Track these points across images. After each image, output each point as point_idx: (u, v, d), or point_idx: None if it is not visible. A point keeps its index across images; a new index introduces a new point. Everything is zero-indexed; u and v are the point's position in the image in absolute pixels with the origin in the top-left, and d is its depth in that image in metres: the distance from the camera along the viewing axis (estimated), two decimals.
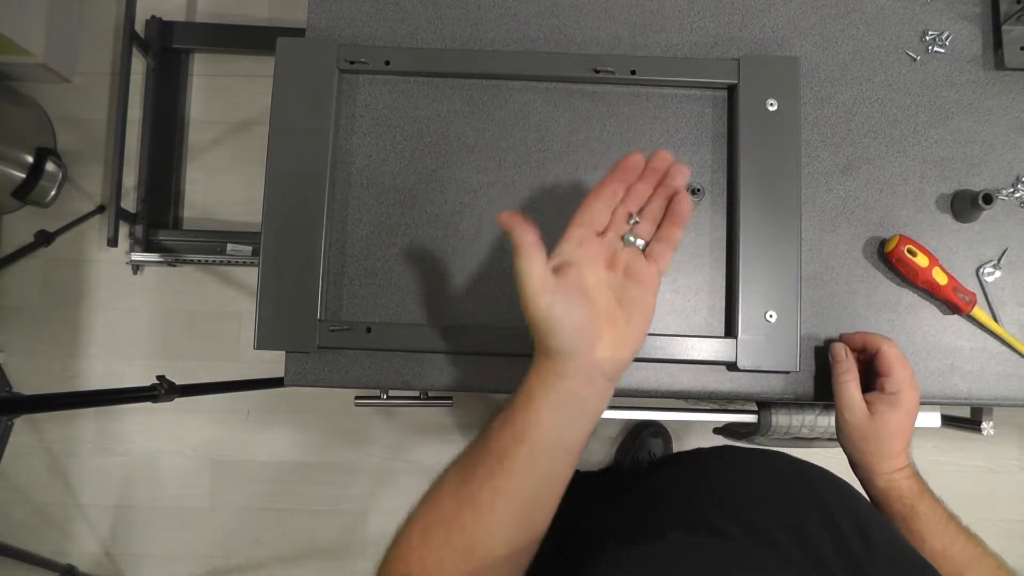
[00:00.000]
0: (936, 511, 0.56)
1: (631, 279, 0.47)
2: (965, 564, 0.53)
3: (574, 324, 0.44)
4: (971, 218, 0.67)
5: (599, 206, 0.49)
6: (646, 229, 0.50)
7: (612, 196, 0.49)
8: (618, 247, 0.49)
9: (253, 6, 1.63)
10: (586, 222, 0.48)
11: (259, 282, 0.63)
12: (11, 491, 1.57)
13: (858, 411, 0.58)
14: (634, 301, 0.47)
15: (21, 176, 1.52)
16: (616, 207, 0.49)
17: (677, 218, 0.49)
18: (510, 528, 0.43)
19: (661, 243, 0.49)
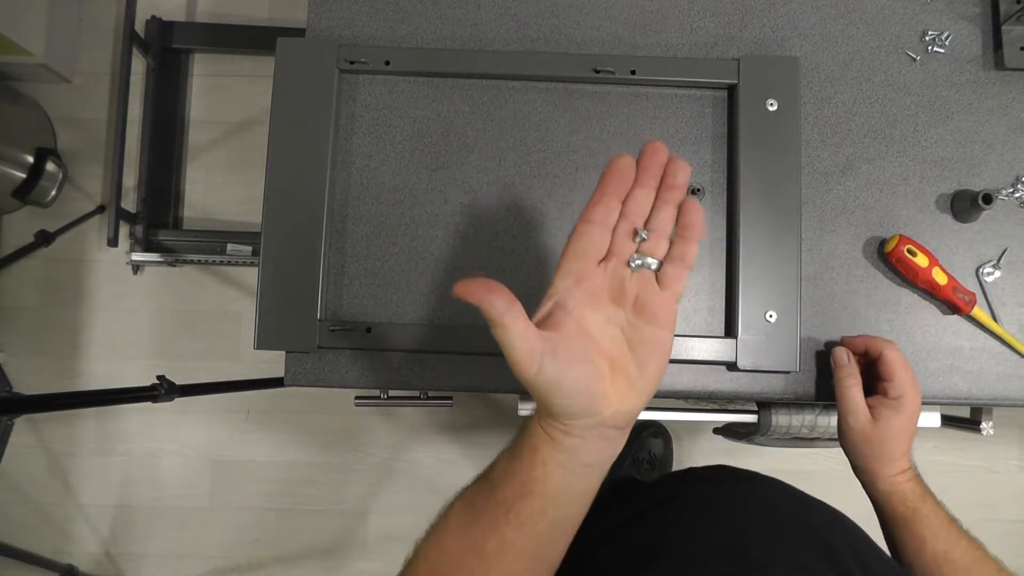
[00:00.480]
0: (938, 514, 0.56)
1: (643, 315, 0.40)
2: (966, 567, 0.53)
3: (575, 385, 0.37)
4: (971, 218, 0.67)
5: (594, 230, 0.40)
6: (658, 246, 0.41)
7: (607, 213, 0.40)
8: (625, 275, 0.40)
9: (253, 6, 1.63)
10: (581, 252, 0.40)
11: (259, 282, 0.63)
12: (11, 491, 1.57)
13: (861, 416, 0.58)
14: (648, 341, 0.39)
15: (21, 176, 1.52)
16: (616, 225, 0.41)
17: (691, 231, 0.40)
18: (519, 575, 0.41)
19: (675, 264, 0.40)
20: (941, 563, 0.53)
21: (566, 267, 0.40)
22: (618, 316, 0.40)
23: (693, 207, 0.41)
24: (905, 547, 0.56)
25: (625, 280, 0.40)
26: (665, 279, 0.40)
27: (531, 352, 0.36)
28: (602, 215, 0.40)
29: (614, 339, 0.40)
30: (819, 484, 1.69)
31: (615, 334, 0.40)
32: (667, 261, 0.41)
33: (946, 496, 0.58)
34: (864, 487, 0.60)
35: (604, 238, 0.41)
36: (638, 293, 0.40)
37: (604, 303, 0.40)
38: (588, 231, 0.40)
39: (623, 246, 0.41)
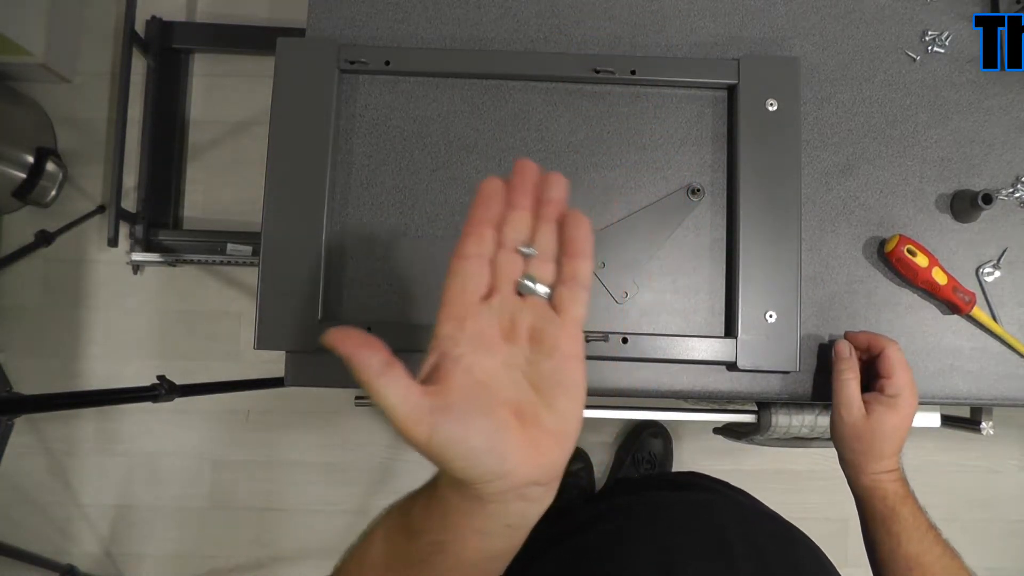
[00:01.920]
0: (917, 517, 0.56)
1: (543, 348, 0.34)
2: (937, 573, 0.54)
3: (477, 445, 0.31)
4: (971, 218, 0.67)
5: (470, 265, 0.35)
6: (545, 269, 0.36)
7: (481, 244, 0.35)
8: (515, 308, 0.35)
9: (253, 6, 1.63)
10: (459, 292, 0.35)
11: (259, 282, 0.63)
12: (11, 491, 1.57)
13: (855, 410, 0.58)
14: (553, 378, 0.34)
15: (21, 176, 1.52)
16: (495, 255, 0.36)
17: (576, 246, 0.36)
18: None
19: (568, 286, 0.35)
20: (912, 564, 0.54)
21: (446, 311, 0.34)
22: (515, 355, 0.34)
23: (576, 220, 0.36)
24: (881, 546, 0.56)
25: (516, 314, 0.35)
26: (560, 304, 0.35)
27: (418, 412, 0.30)
28: (476, 247, 0.35)
29: (515, 383, 0.34)
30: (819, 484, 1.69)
31: (515, 377, 0.34)
32: (559, 284, 0.35)
33: (946, 496, 0.58)
34: (848, 481, 0.60)
35: (483, 272, 0.35)
36: (532, 325, 0.35)
37: (496, 344, 0.34)
38: (463, 267, 0.35)
39: (506, 276, 0.35)
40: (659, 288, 0.66)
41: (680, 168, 0.68)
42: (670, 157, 0.68)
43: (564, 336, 0.35)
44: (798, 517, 0.58)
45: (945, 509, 1.52)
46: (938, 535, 0.55)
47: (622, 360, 0.64)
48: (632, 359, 0.64)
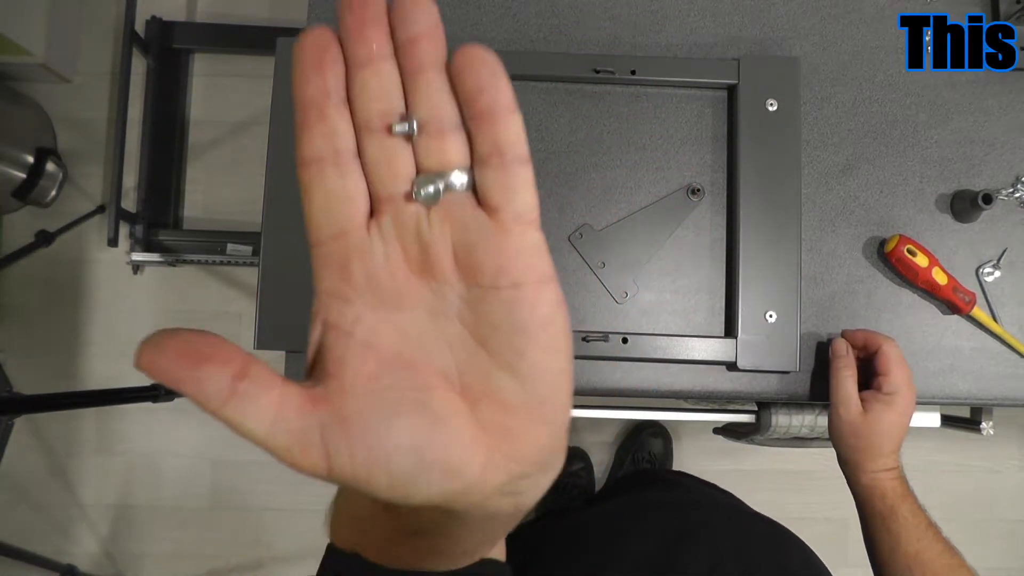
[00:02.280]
0: (916, 515, 0.56)
1: (481, 276, 0.22)
2: (936, 570, 0.54)
3: (401, 465, 0.21)
4: (971, 218, 0.67)
5: (326, 175, 0.22)
6: (447, 147, 0.22)
7: (328, 134, 0.22)
8: (419, 223, 0.22)
9: (253, 6, 1.63)
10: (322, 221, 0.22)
11: (259, 282, 0.63)
12: (11, 491, 1.57)
13: (852, 407, 0.58)
14: (508, 318, 0.22)
15: (21, 176, 1.52)
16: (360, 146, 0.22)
17: (489, 98, 0.21)
18: None
19: (492, 166, 0.21)
20: (912, 562, 0.54)
21: (318, 256, 0.22)
22: (440, 299, 0.22)
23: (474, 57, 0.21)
24: (880, 545, 0.56)
25: (425, 232, 0.22)
26: (490, 197, 0.21)
27: (302, 438, 0.20)
28: (321, 142, 0.22)
29: (448, 343, 0.22)
30: (819, 484, 1.69)
31: (447, 333, 0.22)
32: (478, 167, 0.22)
33: (946, 496, 0.58)
34: (847, 480, 0.61)
35: (348, 180, 0.22)
36: (457, 243, 0.22)
37: (405, 288, 0.22)
38: (314, 180, 0.22)
39: (388, 176, 0.22)
40: (659, 288, 0.66)
41: (680, 168, 0.68)
42: (670, 157, 0.68)
43: (510, 248, 0.21)
44: (798, 517, 0.58)
45: (945, 509, 1.52)
46: (938, 533, 0.56)
47: (622, 360, 0.64)
48: (632, 359, 0.64)
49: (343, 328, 0.22)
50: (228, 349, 0.20)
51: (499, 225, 0.22)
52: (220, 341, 0.20)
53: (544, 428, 0.22)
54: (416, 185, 0.22)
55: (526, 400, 0.22)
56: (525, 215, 0.22)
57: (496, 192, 0.21)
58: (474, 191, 0.22)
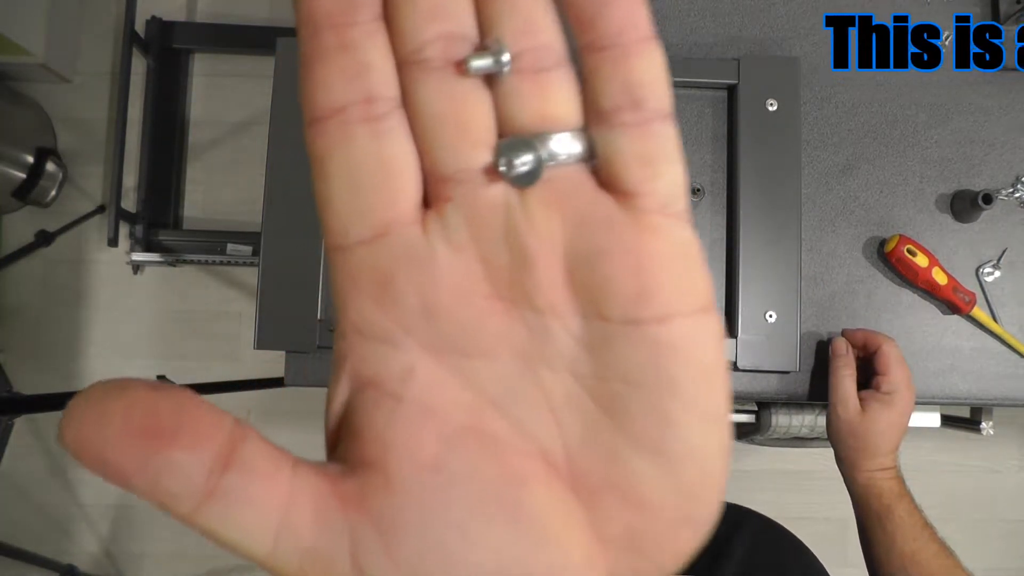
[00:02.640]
0: (913, 516, 0.56)
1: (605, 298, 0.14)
2: (933, 571, 0.54)
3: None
4: (971, 218, 0.67)
5: (348, 138, 0.14)
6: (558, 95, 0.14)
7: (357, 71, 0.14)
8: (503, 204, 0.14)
9: (253, 6, 1.63)
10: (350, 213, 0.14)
11: (259, 282, 0.63)
12: (11, 491, 1.57)
13: (851, 407, 0.58)
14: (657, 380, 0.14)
15: (21, 176, 1.52)
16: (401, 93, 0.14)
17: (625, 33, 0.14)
18: None
19: (627, 129, 0.14)
20: (908, 564, 0.54)
21: (340, 265, 0.15)
22: (542, 339, 0.14)
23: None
24: (877, 545, 0.56)
25: (516, 230, 0.14)
26: (623, 175, 0.14)
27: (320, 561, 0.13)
28: (347, 84, 0.14)
29: (556, 408, 0.15)
30: (819, 484, 1.69)
31: (554, 391, 0.15)
32: (599, 127, 0.14)
33: (946, 496, 0.58)
34: (844, 479, 0.61)
35: (390, 144, 0.14)
36: (569, 248, 0.14)
37: (484, 322, 0.14)
38: (338, 147, 0.14)
39: (457, 138, 0.14)
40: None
41: None
42: None
43: (656, 257, 0.14)
44: (798, 517, 0.58)
45: (945, 509, 1.52)
46: (933, 533, 0.56)
47: None
48: None
49: (386, 386, 0.14)
50: (203, 416, 0.13)
51: (637, 219, 0.14)
52: (189, 401, 0.13)
53: (689, 532, 0.15)
54: (502, 154, 0.14)
55: (670, 493, 0.14)
56: (673, 203, 0.14)
57: (631, 166, 0.14)
58: (589, 164, 0.14)
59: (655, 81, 0.14)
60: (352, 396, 0.15)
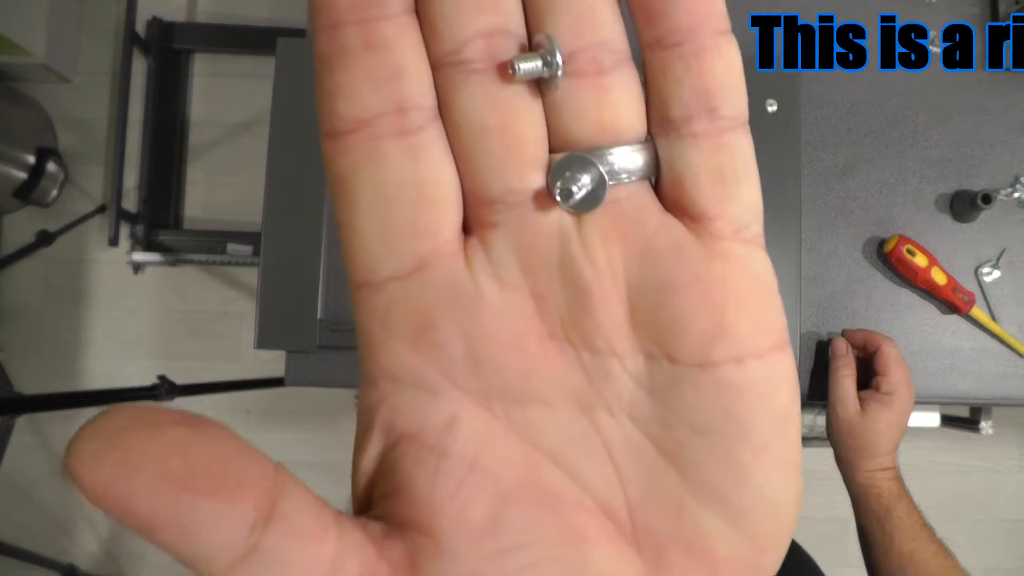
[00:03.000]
0: (911, 516, 0.56)
1: (678, 345, 0.13)
2: (931, 572, 0.54)
3: None
4: (970, 218, 0.68)
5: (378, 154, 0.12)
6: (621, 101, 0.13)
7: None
8: (557, 231, 0.13)
9: (253, 6, 1.63)
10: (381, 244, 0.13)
11: (259, 282, 0.63)
12: (11, 491, 1.57)
13: (850, 407, 0.58)
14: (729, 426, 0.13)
15: (22, 176, 1.52)
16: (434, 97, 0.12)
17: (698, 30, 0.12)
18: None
19: (699, 140, 0.13)
20: (905, 564, 0.54)
21: (369, 302, 0.13)
22: (601, 382, 0.13)
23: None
24: (875, 545, 0.56)
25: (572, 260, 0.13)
26: (695, 196, 0.13)
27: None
28: (375, 91, 0.12)
29: (617, 459, 0.13)
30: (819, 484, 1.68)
31: (614, 440, 0.13)
32: (667, 138, 0.13)
33: (946, 496, 0.58)
34: (844, 479, 0.60)
35: (428, 162, 0.12)
36: (632, 281, 0.13)
37: (537, 365, 0.13)
38: (366, 166, 0.12)
39: (504, 155, 0.12)
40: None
41: None
42: None
43: (731, 289, 0.13)
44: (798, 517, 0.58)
45: (945, 509, 1.52)
46: (932, 534, 0.56)
47: None
48: None
49: (428, 439, 0.12)
50: (247, 463, 0.11)
51: (709, 246, 0.12)
52: (231, 444, 0.11)
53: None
54: (556, 175, 0.12)
55: (739, 546, 0.13)
56: (750, 225, 0.13)
57: (704, 184, 0.12)
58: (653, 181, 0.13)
59: (733, 85, 0.13)
60: (387, 451, 0.13)
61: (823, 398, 0.65)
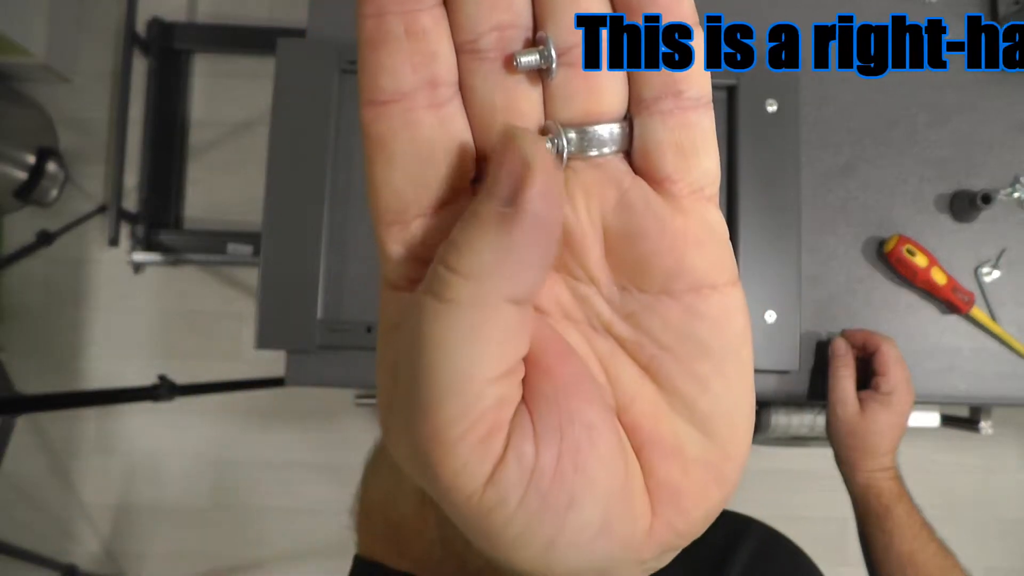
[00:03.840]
0: (911, 516, 0.56)
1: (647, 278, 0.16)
2: (931, 572, 0.54)
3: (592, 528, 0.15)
4: (970, 218, 0.68)
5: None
6: (605, 88, 0.15)
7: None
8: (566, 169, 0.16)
9: (253, 7, 1.63)
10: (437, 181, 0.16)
11: (259, 282, 0.64)
12: (11, 491, 1.57)
13: (850, 407, 0.58)
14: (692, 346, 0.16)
15: (23, 176, 1.52)
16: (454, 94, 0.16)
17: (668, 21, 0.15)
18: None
19: (666, 117, 0.15)
20: (906, 564, 0.54)
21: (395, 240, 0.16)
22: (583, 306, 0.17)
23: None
24: (875, 544, 0.57)
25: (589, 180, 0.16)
26: (660, 161, 0.16)
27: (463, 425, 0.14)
28: (412, 70, 0.15)
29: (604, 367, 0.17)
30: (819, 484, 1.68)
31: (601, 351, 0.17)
32: (641, 115, 0.16)
33: (945, 496, 0.58)
34: (844, 479, 0.61)
35: (454, 127, 0.16)
36: (609, 227, 0.16)
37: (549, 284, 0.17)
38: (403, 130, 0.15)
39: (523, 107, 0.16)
40: None
41: None
42: None
43: (691, 235, 0.16)
44: (797, 517, 0.58)
45: (944, 509, 1.52)
46: (932, 533, 0.56)
47: None
48: None
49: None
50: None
51: (673, 201, 0.15)
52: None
53: (718, 490, 0.16)
54: (549, 142, 0.15)
55: (704, 450, 0.16)
56: (707, 187, 0.16)
57: (668, 153, 0.15)
58: (625, 150, 0.16)
59: (696, 70, 0.15)
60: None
61: (823, 398, 0.65)
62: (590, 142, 0.15)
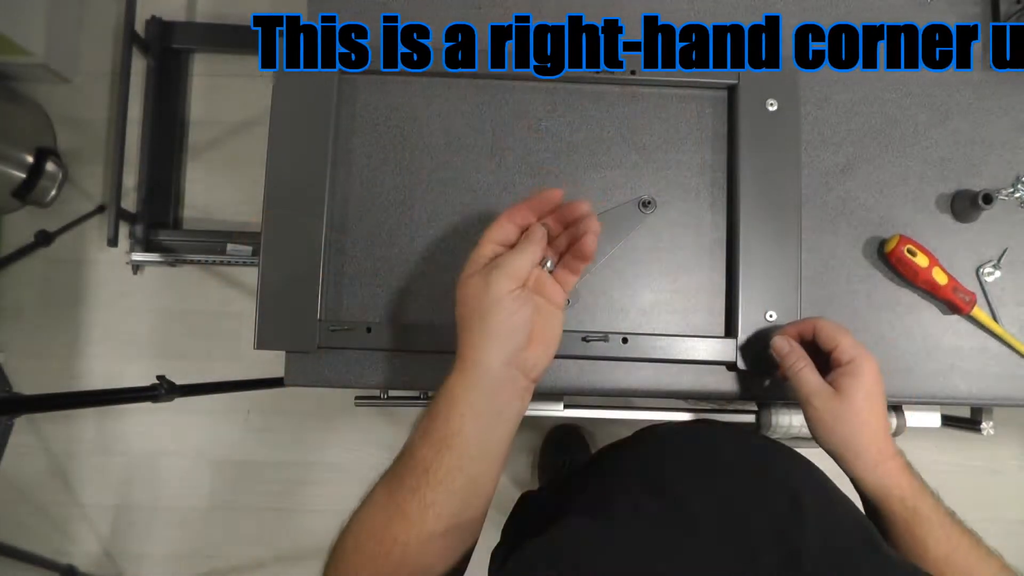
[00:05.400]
0: (938, 512, 0.52)
1: (542, 294, 0.51)
2: (968, 568, 0.50)
3: (524, 322, 0.48)
4: (971, 218, 0.67)
5: (510, 227, 0.51)
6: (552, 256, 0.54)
7: (523, 220, 0.52)
8: (538, 272, 0.52)
9: (253, 6, 1.63)
10: (526, 258, 0.50)
11: (259, 282, 0.63)
12: (11, 491, 1.57)
13: (824, 393, 0.54)
14: (543, 312, 0.51)
15: (21, 176, 1.52)
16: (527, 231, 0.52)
17: (582, 254, 0.51)
18: (442, 537, 0.45)
19: (566, 272, 0.53)
20: (942, 566, 0.51)
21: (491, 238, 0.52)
22: (528, 291, 0.50)
23: (590, 240, 0.51)
24: (909, 552, 0.52)
25: (538, 275, 0.52)
26: (558, 279, 0.53)
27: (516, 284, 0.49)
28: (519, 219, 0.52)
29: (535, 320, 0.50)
30: None
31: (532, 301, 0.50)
32: (561, 267, 0.54)
33: (946, 496, 0.56)
34: (853, 483, 0.55)
35: (515, 235, 0.53)
36: (539, 278, 0.52)
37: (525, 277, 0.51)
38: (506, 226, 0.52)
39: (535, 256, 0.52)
40: (659, 288, 0.66)
41: (680, 168, 0.67)
42: (670, 157, 0.68)
43: (556, 292, 0.53)
44: None
45: None
46: (961, 526, 0.52)
47: (622, 360, 0.64)
48: (632, 359, 0.64)
49: (511, 270, 0.49)
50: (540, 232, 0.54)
51: (556, 285, 0.53)
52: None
53: (546, 354, 0.51)
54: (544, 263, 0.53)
55: (544, 338, 0.51)
56: (566, 292, 0.54)
57: (561, 280, 0.54)
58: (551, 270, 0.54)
59: (579, 269, 0.54)
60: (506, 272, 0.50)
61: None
62: (547, 264, 0.54)
